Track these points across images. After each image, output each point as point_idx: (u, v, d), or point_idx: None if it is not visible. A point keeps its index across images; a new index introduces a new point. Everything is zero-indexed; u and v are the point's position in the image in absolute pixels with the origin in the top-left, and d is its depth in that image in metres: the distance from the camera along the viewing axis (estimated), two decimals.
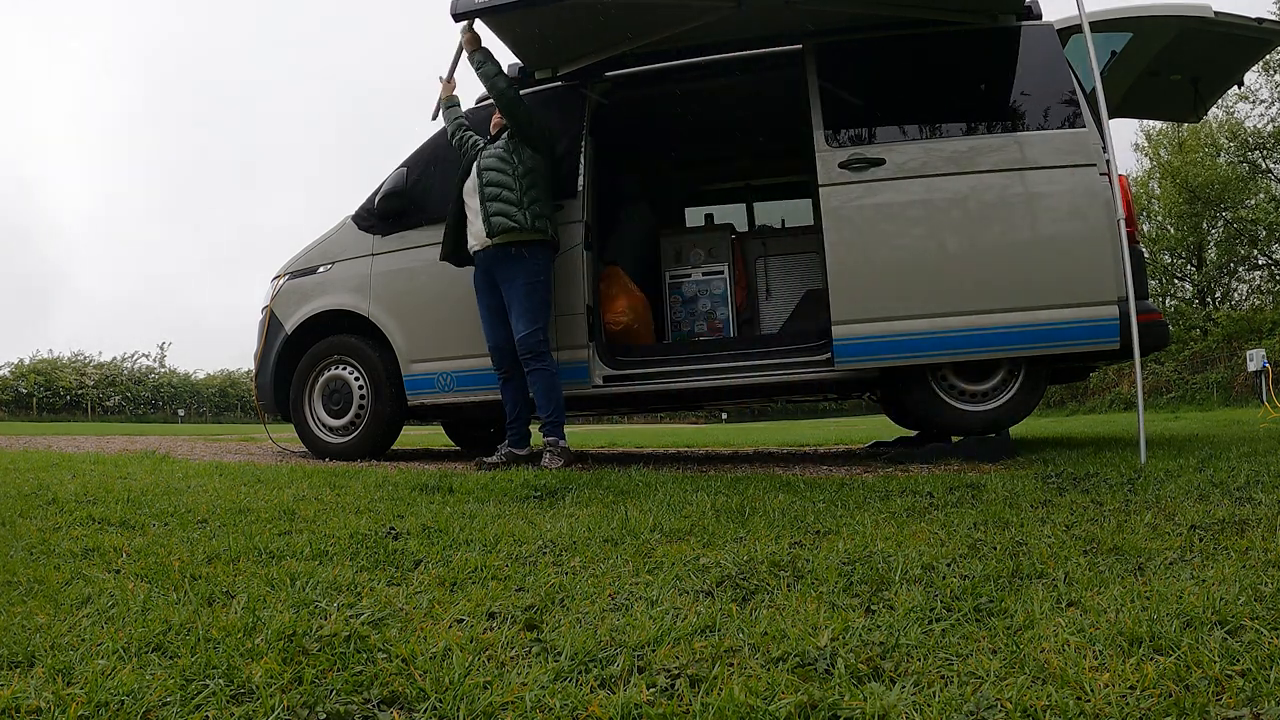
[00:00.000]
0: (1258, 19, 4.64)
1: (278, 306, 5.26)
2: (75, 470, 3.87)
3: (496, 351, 4.41)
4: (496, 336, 4.40)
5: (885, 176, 4.24)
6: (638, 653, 1.37)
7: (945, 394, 4.37)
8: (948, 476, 3.42)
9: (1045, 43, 4.36)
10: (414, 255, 4.92)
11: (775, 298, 5.95)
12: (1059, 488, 3.00)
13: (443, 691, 1.22)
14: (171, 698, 1.20)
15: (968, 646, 1.37)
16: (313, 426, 5.13)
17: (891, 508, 2.65)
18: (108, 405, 37.10)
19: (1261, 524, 2.16)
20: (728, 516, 2.56)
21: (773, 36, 4.67)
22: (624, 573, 1.90)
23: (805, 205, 6.54)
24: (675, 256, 5.93)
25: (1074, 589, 1.66)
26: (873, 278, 4.23)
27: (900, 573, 1.81)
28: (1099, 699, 1.15)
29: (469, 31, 4.35)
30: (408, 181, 4.96)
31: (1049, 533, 2.18)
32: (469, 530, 2.39)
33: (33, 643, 1.41)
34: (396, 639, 1.43)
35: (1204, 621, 1.41)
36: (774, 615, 1.55)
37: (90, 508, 2.71)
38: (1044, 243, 4.13)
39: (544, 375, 4.31)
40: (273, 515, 2.63)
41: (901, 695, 1.18)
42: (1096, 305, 4.06)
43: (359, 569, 1.96)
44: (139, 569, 1.93)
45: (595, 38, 4.56)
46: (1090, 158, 4.13)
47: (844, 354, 4.24)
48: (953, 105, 4.40)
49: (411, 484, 3.40)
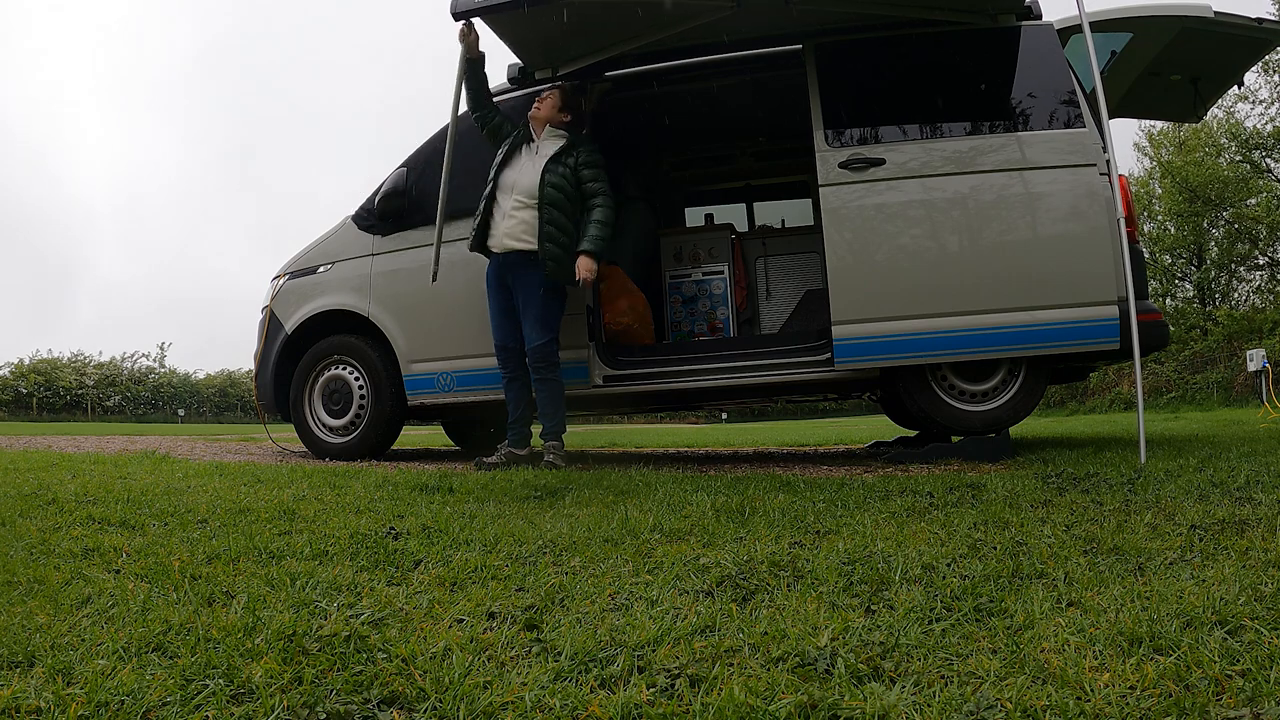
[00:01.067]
0: (1258, 19, 4.64)
1: (278, 306, 5.26)
2: (75, 470, 3.87)
3: (503, 351, 4.37)
4: (504, 336, 4.36)
5: (885, 176, 4.24)
6: (638, 653, 1.37)
7: (945, 394, 4.37)
8: (948, 476, 3.42)
9: (1045, 43, 4.36)
10: (414, 255, 4.92)
11: (775, 298, 5.95)
12: (1059, 488, 3.00)
13: (443, 691, 1.22)
14: (171, 698, 1.20)
15: (968, 646, 1.37)
16: (313, 426, 5.13)
17: (891, 508, 2.65)
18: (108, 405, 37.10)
19: (1261, 524, 2.16)
20: (728, 516, 2.56)
21: (773, 36, 4.67)
22: (624, 573, 1.90)
23: (805, 205, 6.54)
24: (675, 256, 5.93)
25: (1074, 589, 1.66)
26: (873, 278, 4.23)
27: (900, 573, 1.81)
28: (1099, 699, 1.15)
29: (469, 32, 4.32)
30: (408, 181, 4.96)
31: (1049, 533, 2.18)
32: (469, 530, 2.39)
33: (33, 643, 1.41)
34: (396, 639, 1.43)
35: (1204, 621, 1.41)
36: (774, 615, 1.55)
37: (90, 508, 2.71)
38: (1044, 243, 4.13)
39: (553, 386, 4.30)
40: (273, 515, 2.63)
41: (901, 695, 1.18)
42: (1096, 305, 4.06)
43: (359, 569, 1.96)
44: (139, 569, 1.93)
45: (595, 37, 4.56)
46: (1090, 158, 4.13)
47: (844, 354, 4.24)
48: (953, 105, 4.40)
49: (411, 484, 3.41)
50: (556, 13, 4.21)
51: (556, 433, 4.35)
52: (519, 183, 4.28)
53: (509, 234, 4.26)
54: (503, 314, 4.36)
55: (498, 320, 4.37)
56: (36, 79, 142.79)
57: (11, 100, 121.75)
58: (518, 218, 4.24)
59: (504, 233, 4.26)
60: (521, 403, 4.42)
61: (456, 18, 4.23)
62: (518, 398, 4.41)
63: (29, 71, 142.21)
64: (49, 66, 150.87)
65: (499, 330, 4.37)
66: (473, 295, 4.70)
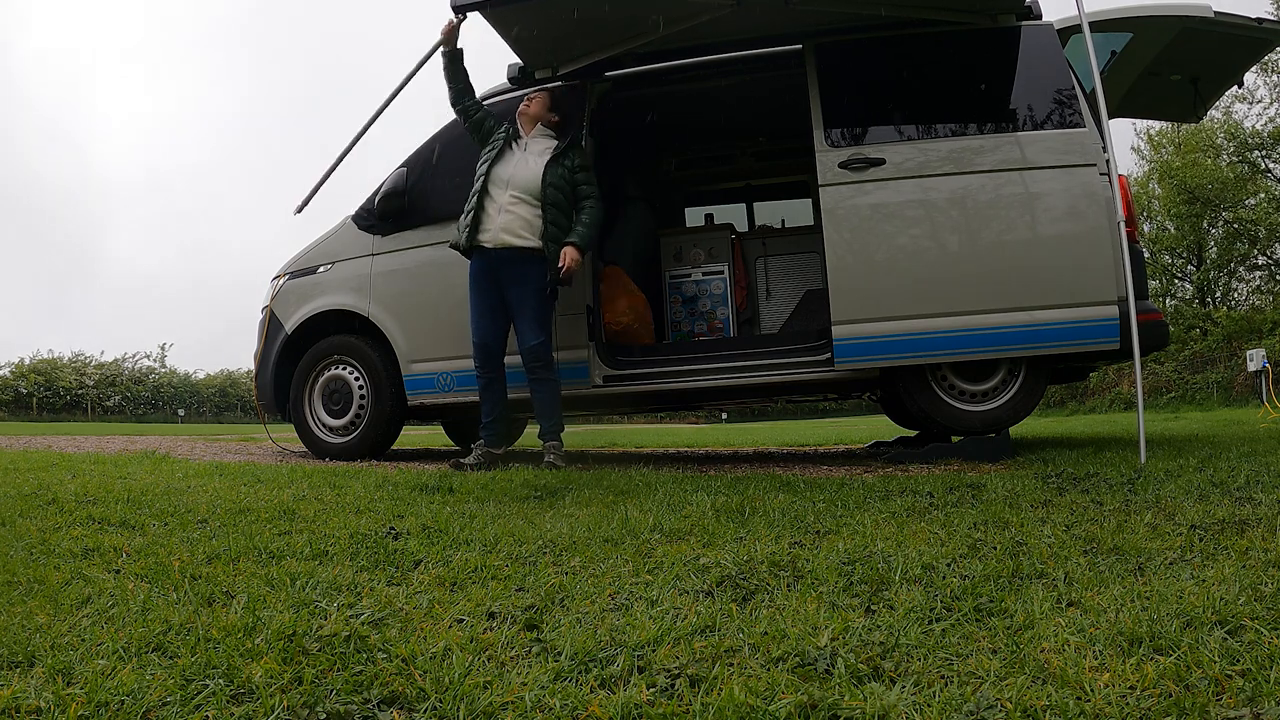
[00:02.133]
0: (1258, 19, 4.64)
1: (278, 306, 5.26)
2: (75, 470, 3.87)
3: (483, 349, 4.29)
4: (486, 334, 4.28)
5: (885, 176, 4.24)
6: (638, 653, 1.37)
7: (945, 394, 4.37)
8: (948, 476, 3.42)
9: (1045, 43, 4.36)
10: (414, 255, 4.92)
11: (775, 298, 5.96)
12: (1059, 488, 3.00)
13: (443, 691, 1.22)
14: (171, 698, 1.20)
15: (968, 646, 1.37)
16: (313, 426, 5.13)
17: (891, 508, 2.65)
18: (108, 405, 37.07)
19: (1261, 524, 2.16)
20: (728, 516, 2.56)
21: (773, 36, 4.67)
22: (624, 573, 1.90)
23: (805, 205, 6.54)
24: (675, 256, 5.93)
25: (1074, 589, 1.66)
26: (873, 277, 4.23)
27: (900, 573, 1.81)
28: (1099, 699, 1.15)
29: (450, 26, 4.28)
30: (408, 181, 4.96)
31: (1049, 533, 2.18)
32: (469, 530, 2.39)
33: (33, 643, 1.41)
34: (396, 639, 1.43)
35: (1204, 621, 1.41)
36: (774, 615, 1.55)
37: (90, 508, 2.71)
38: (1044, 242, 4.13)
39: (550, 386, 4.28)
40: (273, 515, 2.63)
41: (901, 695, 1.18)
42: (1096, 305, 4.06)
43: (359, 569, 1.96)
44: (139, 569, 1.93)
45: (595, 37, 4.56)
46: (1090, 158, 4.13)
47: (844, 354, 4.24)
48: (953, 105, 4.40)
49: (411, 484, 3.40)
50: (556, 10, 4.22)
51: (555, 432, 4.33)
52: (515, 178, 4.25)
53: (506, 229, 4.21)
54: (489, 312, 4.29)
55: (482, 319, 4.29)
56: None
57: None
58: (515, 213, 4.21)
59: (500, 227, 4.21)
60: (500, 403, 4.37)
61: (457, 12, 4.23)
62: (497, 398, 4.36)
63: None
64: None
65: (482, 329, 4.29)
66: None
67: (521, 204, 4.22)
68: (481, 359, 4.30)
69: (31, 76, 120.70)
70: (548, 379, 4.28)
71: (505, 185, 4.25)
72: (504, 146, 4.35)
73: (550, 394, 4.30)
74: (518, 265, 4.22)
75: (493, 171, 4.29)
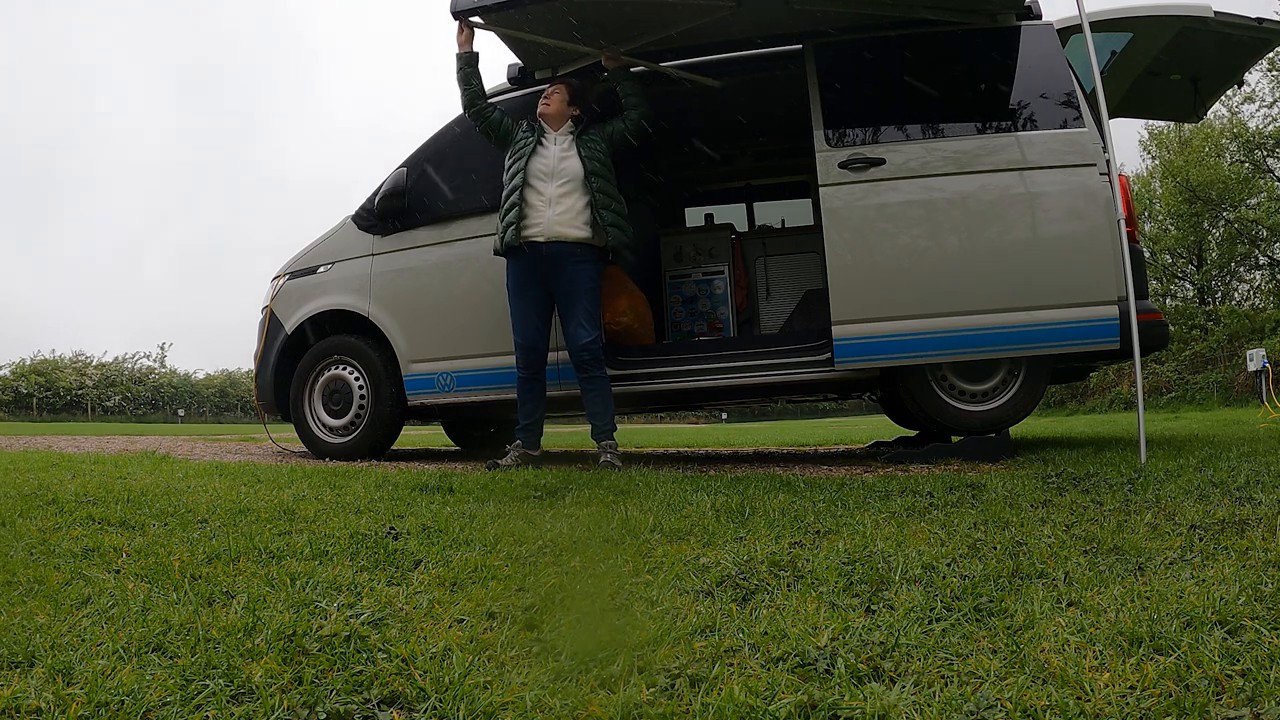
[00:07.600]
0: (1258, 19, 4.64)
1: (278, 306, 5.26)
2: (75, 470, 3.87)
3: (530, 351, 4.20)
4: (533, 334, 4.19)
5: (885, 176, 4.24)
6: (638, 653, 1.37)
7: (945, 394, 4.37)
8: (948, 476, 3.42)
9: (1045, 42, 4.36)
10: (414, 255, 4.92)
11: (775, 298, 5.96)
12: (1059, 488, 3.00)
13: (443, 691, 1.22)
14: (171, 698, 1.20)
15: (968, 646, 1.37)
16: (313, 426, 5.13)
17: (891, 508, 2.65)
18: (108, 405, 37.07)
19: (1261, 524, 2.16)
20: (728, 516, 2.56)
21: (773, 36, 4.67)
22: (624, 573, 1.90)
23: (805, 205, 6.54)
24: (675, 256, 5.93)
25: (1074, 589, 1.66)
26: (873, 278, 4.23)
27: (900, 573, 1.81)
28: (1099, 699, 1.15)
29: (466, 30, 4.31)
30: (408, 181, 4.96)
31: (1049, 533, 2.18)
32: (469, 530, 2.39)
33: (33, 643, 1.41)
34: (396, 639, 1.43)
35: (1204, 621, 1.41)
36: (774, 615, 1.55)
37: (90, 508, 2.71)
38: (1044, 242, 4.13)
39: (604, 384, 4.23)
40: (273, 515, 2.63)
41: (901, 695, 1.17)
42: (1096, 305, 4.06)
43: (359, 569, 1.96)
44: (139, 569, 1.93)
45: (595, 37, 4.56)
46: (1090, 158, 4.13)
47: (844, 354, 4.24)
48: (953, 105, 4.40)
49: (411, 484, 3.40)
50: (555, 12, 4.22)
51: (609, 431, 4.26)
52: (559, 169, 4.19)
53: (559, 221, 4.13)
54: (536, 313, 4.20)
55: (526, 319, 4.20)
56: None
57: None
58: (565, 204, 4.15)
59: (553, 219, 4.13)
60: (540, 405, 4.31)
61: (456, 16, 4.23)
62: (538, 400, 4.29)
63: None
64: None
65: (528, 330, 4.20)
66: (473, 295, 4.70)
67: (572, 194, 4.17)
68: (526, 360, 4.23)
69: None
70: (601, 377, 4.21)
71: (549, 177, 4.18)
72: (535, 143, 4.28)
73: (604, 392, 4.23)
74: (570, 261, 4.15)
75: (531, 166, 4.22)
